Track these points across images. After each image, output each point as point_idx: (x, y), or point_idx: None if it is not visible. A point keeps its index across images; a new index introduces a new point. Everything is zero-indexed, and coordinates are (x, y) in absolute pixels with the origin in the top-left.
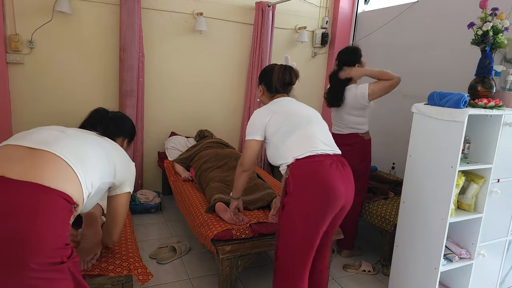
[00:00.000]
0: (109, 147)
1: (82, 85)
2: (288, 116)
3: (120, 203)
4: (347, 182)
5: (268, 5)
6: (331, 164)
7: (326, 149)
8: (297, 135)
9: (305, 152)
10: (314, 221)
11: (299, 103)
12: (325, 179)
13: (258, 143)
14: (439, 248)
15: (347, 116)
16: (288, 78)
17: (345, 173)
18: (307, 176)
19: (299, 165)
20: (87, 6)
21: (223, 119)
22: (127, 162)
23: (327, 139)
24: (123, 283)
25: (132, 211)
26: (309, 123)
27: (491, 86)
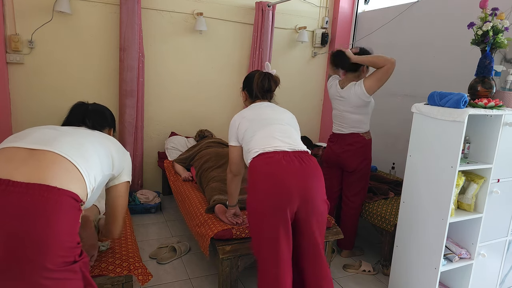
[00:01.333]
0: (103, 139)
1: (82, 85)
2: (254, 120)
3: (120, 194)
4: (302, 176)
5: (268, 5)
6: (282, 159)
7: (281, 146)
8: (257, 137)
9: (259, 150)
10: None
11: (272, 107)
12: (270, 173)
13: (236, 148)
14: (439, 248)
15: (350, 115)
16: (267, 85)
17: (301, 167)
18: (256, 173)
19: (252, 163)
20: (87, 6)
21: (223, 119)
22: (122, 151)
23: (287, 137)
24: (123, 283)
25: (132, 211)
26: (271, 124)
27: (491, 86)
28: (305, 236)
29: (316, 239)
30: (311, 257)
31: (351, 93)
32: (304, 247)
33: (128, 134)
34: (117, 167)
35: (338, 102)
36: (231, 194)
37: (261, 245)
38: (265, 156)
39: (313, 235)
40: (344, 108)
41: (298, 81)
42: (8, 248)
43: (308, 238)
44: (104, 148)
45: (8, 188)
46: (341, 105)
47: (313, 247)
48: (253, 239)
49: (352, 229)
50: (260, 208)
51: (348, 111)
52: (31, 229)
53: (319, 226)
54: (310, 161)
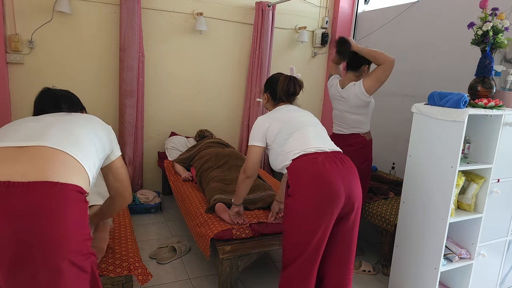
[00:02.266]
0: (88, 122)
1: (82, 85)
2: (286, 122)
3: (121, 164)
4: (346, 177)
5: (268, 5)
6: (325, 160)
7: (320, 147)
8: (293, 138)
9: (299, 152)
10: (313, 219)
11: (299, 111)
12: (317, 175)
13: (259, 149)
14: (439, 248)
15: (350, 115)
16: (292, 89)
17: (344, 168)
18: (301, 174)
19: (295, 164)
20: (87, 6)
21: (223, 119)
22: (108, 128)
23: (322, 138)
24: (123, 283)
25: (132, 211)
26: (304, 127)
27: (491, 86)
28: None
29: (353, 240)
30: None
31: (351, 93)
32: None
33: (128, 134)
34: (108, 146)
35: (338, 102)
36: (239, 195)
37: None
38: (309, 158)
39: (351, 237)
40: (344, 108)
41: None
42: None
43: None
44: (92, 131)
45: (9, 190)
46: (341, 105)
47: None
48: (292, 242)
49: None
50: (307, 208)
51: (348, 111)
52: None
53: (358, 225)
54: (349, 162)
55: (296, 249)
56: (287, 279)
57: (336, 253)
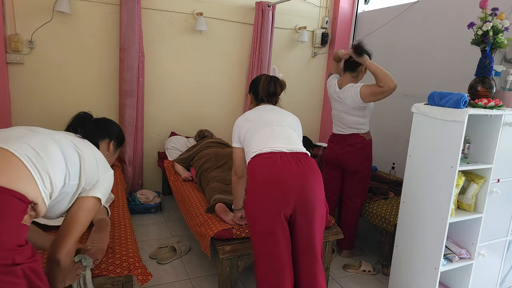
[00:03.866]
0: (83, 149)
1: (82, 85)
2: (255, 122)
3: (83, 207)
4: (299, 177)
5: (268, 5)
6: (278, 159)
7: (277, 147)
8: (256, 138)
9: (257, 151)
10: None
11: (275, 110)
12: (266, 172)
13: (239, 150)
14: (439, 248)
15: (348, 116)
16: (272, 89)
17: (298, 168)
18: (253, 173)
19: (250, 163)
20: (87, 6)
21: (223, 119)
22: (102, 167)
23: (285, 138)
24: (123, 283)
25: (132, 211)
26: (269, 126)
27: (491, 86)
28: (303, 239)
29: (313, 242)
30: (307, 261)
31: (348, 95)
32: (301, 250)
33: (128, 134)
34: (88, 180)
35: (336, 102)
36: (237, 197)
37: (259, 244)
38: (262, 157)
39: (311, 237)
40: (341, 108)
41: (298, 81)
42: None
43: (305, 240)
44: (75, 157)
45: None
46: (338, 106)
47: (310, 251)
48: (252, 237)
49: (352, 229)
50: (256, 208)
51: (346, 112)
52: None
53: (316, 228)
54: (308, 162)
55: (255, 247)
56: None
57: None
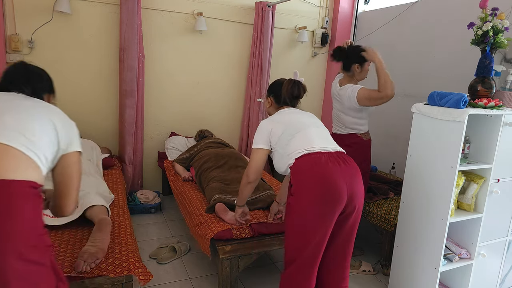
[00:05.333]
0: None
1: (82, 85)
2: (288, 124)
3: (72, 161)
4: (349, 177)
5: (268, 5)
6: (328, 160)
7: (323, 147)
8: (296, 139)
9: (302, 151)
10: (314, 218)
11: (301, 113)
12: (320, 174)
13: (263, 152)
14: (439, 248)
15: (345, 116)
16: (296, 92)
17: (346, 168)
18: (304, 173)
19: (298, 164)
20: (87, 6)
21: (223, 119)
22: (68, 122)
23: (324, 138)
24: (123, 283)
25: (132, 211)
26: (307, 127)
27: (491, 86)
28: (342, 236)
29: (351, 239)
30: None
31: (345, 95)
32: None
33: (128, 134)
34: (64, 141)
35: (335, 101)
36: (241, 197)
37: (304, 245)
38: (311, 157)
39: (351, 235)
40: (339, 108)
41: None
42: None
43: (345, 237)
44: (48, 122)
45: None
46: (337, 105)
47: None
48: (295, 238)
49: None
50: (310, 208)
51: (343, 111)
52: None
53: (357, 225)
54: (352, 162)
55: (297, 248)
56: (287, 279)
57: (333, 252)
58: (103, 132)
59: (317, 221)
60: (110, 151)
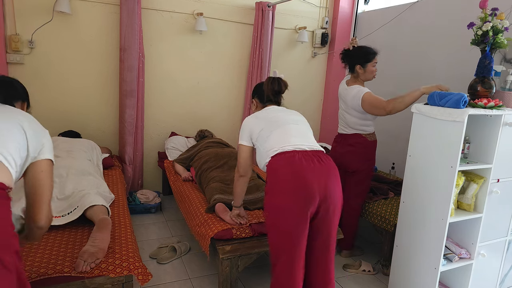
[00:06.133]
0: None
1: (82, 85)
2: (268, 120)
3: (42, 168)
4: (322, 176)
5: (268, 5)
6: (302, 158)
7: (299, 145)
8: (273, 135)
9: (278, 149)
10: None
11: (285, 111)
12: (293, 173)
13: (246, 148)
14: (439, 248)
15: (349, 116)
16: (277, 87)
17: (321, 167)
18: (277, 172)
19: (272, 162)
20: (87, 6)
21: (223, 119)
22: (40, 129)
23: (303, 136)
24: (123, 283)
25: (132, 211)
26: (285, 124)
27: (491, 86)
28: (321, 237)
29: (331, 239)
30: (322, 258)
31: (350, 95)
32: (318, 247)
33: (128, 134)
34: (34, 146)
35: (341, 100)
36: (237, 195)
37: (282, 244)
38: (286, 156)
39: (329, 235)
40: (344, 108)
41: (298, 81)
42: None
43: (324, 238)
44: (16, 126)
45: None
46: (343, 104)
47: (326, 248)
48: (273, 238)
49: (352, 229)
50: (282, 207)
51: (347, 111)
52: None
53: (335, 225)
54: (329, 160)
55: (277, 247)
56: (275, 279)
57: (315, 255)
58: (103, 132)
59: (291, 218)
60: (110, 151)
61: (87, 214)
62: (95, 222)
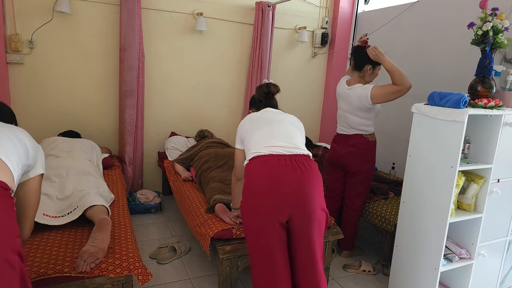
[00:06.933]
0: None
1: (82, 85)
2: (256, 121)
3: (33, 186)
4: (299, 184)
5: (268, 5)
6: (277, 163)
7: (279, 149)
8: (256, 136)
9: (254, 152)
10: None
11: (275, 112)
12: (263, 178)
13: (239, 151)
14: (439, 248)
15: (351, 117)
16: (265, 88)
17: (297, 174)
18: (250, 177)
19: (247, 166)
20: (87, 6)
21: (223, 119)
22: (35, 143)
23: (287, 137)
24: (123, 283)
25: (132, 211)
26: (271, 123)
27: (491, 86)
28: (300, 245)
29: (312, 248)
30: (306, 268)
31: (354, 95)
32: (299, 257)
33: (128, 134)
34: (32, 156)
35: (343, 101)
36: (235, 198)
37: (252, 245)
38: (260, 160)
39: (309, 243)
40: (346, 108)
41: (298, 81)
42: None
43: (303, 247)
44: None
45: None
46: (344, 105)
47: (308, 257)
48: (248, 241)
49: (352, 229)
50: (249, 212)
51: (350, 112)
52: None
53: (315, 234)
54: (308, 167)
55: (251, 249)
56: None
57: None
58: (103, 132)
59: (256, 222)
60: (110, 151)
61: (87, 214)
62: (95, 222)
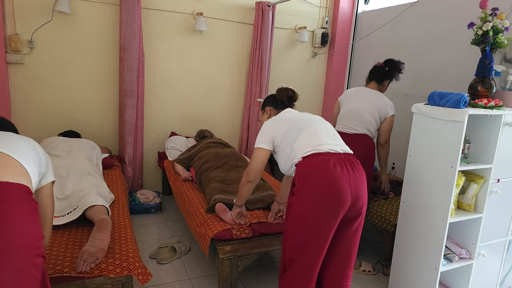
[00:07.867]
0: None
1: (82, 85)
2: (294, 121)
3: (47, 194)
4: (354, 183)
5: (268, 5)
6: (336, 163)
7: (332, 145)
8: (303, 135)
9: (311, 150)
10: (316, 220)
11: (306, 113)
12: (326, 177)
13: (265, 152)
14: (439, 248)
15: (369, 117)
16: (290, 92)
17: (353, 173)
18: (310, 174)
19: (304, 163)
20: (87, 6)
21: (223, 119)
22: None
23: (333, 136)
24: (123, 283)
25: (132, 211)
26: (314, 123)
27: (491, 86)
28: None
29: (355, 246)
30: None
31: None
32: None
33: (128, 134)
34: (44, 164)
35: (363, 100)
36: (240, 196)
37: (304, 248)
38: (320, 158)
39: (352, 242)
40: (366, 107)
41: (298, 81)
42: None
43: (348, 244)
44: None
45: None
46: (363, 103)
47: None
48: (293, 242)
49: None
50: (311, 210)
51: (371, 113)
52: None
53: (360, 232)
54: (359, 166)
55: (297, 249)
56: (288, 281)
57: (336, 257)
58: (103, 132)
59: (318, 223)
60: (110, 151)
61: (87, 214)
62: (95, 222)
